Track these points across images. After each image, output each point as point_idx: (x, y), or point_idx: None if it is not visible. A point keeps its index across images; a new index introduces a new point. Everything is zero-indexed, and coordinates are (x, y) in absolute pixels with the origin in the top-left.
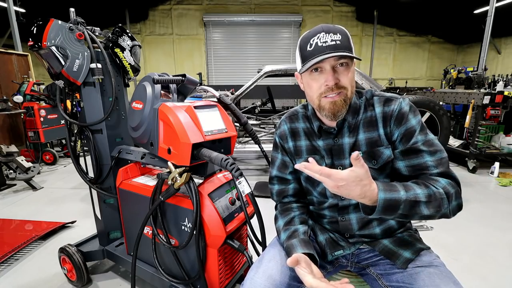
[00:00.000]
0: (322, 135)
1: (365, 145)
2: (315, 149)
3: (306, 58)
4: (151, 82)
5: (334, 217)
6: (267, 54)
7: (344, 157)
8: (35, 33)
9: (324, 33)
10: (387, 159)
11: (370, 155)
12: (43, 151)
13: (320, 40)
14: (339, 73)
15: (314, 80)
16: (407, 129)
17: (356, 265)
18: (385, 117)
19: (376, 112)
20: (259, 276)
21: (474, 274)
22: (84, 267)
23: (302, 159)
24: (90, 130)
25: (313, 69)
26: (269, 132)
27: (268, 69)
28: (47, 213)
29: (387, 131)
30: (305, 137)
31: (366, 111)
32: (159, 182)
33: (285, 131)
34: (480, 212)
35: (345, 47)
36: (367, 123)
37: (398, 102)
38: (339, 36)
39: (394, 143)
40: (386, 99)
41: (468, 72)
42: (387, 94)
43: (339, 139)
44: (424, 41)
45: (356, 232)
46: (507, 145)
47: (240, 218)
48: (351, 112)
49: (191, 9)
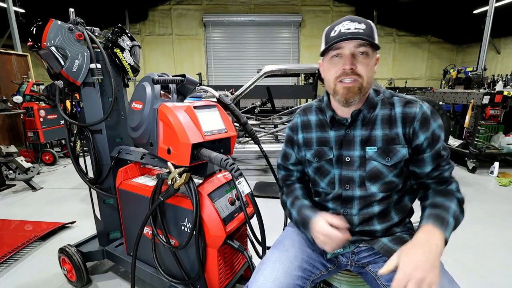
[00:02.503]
0: (334, 126)
1: (381, 141)
2: (325, 140)
3: (328, 43)
4: (151, 82)
5: (337, 210)
6: (267, 54)
7: (353, 148)
8: (34, 34)
9: (350, 21)
10: (401, 158)
11: (385, 151)
12: (43, 151)
13: (344, 27)
14: (358, 61)
15: (333, 65)
16: (432, 133)
17: (355, 263)
18: (405, 118)
19: (396, 111)
20: (265, 278)
21: (473, 274)
22: (83, 267)
23: (312, 151)
24: (90, 131)
25: (334, 55)
26: (268, 132)
27: (268, 69)
28: (46, 214)
29: (407, 132)
30: (316, 129)
31: (384, 108)
32: (158, 182)
33: (297, 123)
34: (480, 212)
35: (368, 36)
36: (386, 121)
37: (418, 105)
38: (364, 25)
39: (416, 145)
40: (407, 101)
41: (467, 72)
42: (407, 96)
43: (351, 130)
44: (423, 41)
45: (356, 229)
46: (506, 145)
47: (240, 218)
48: (367, 106)
49: (191, 9)
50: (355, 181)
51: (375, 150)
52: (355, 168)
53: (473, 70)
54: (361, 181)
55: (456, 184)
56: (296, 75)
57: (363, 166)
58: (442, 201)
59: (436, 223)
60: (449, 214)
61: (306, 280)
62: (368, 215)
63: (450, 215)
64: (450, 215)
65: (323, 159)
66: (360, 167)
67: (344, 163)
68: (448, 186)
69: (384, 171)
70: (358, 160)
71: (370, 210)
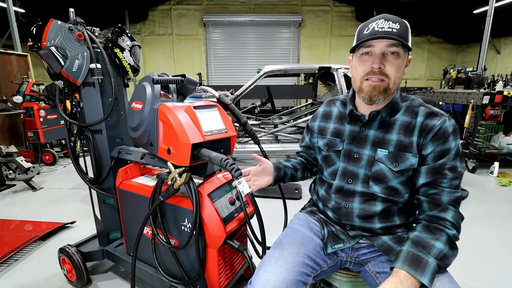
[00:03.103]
0: (351, 120)
1: (394, 146)
2: (339, 132)
3: (359, 40)
4: (151, 82)
5: (338, 203)
6: (267, 54)
7: (364, 147)
8: (34, 34)
9: (384, 20)
10: (409, 166)
11: (394, 156)
12: (43, 151)
13: (377, 25)
14: (387, 60)
15: (362, 62)
16: (443, 149)
17: (355, 260)
18: (422, 129)
19: (417, 121)
20: (269, 274)
21: (473, 274)
22: (83, 267)
23: (325, 140)
24: (90, 131)
25: (364, 52)
26: (269, 132)
27: (268, 69)
28: (46, 214)
29: (420, 142)
30: (335, 120)
31: (406, 115)
32: (158, 182)
33: (319, 112)
34: (480, 212)
35: (401, 36)
36: (404, 127)
37: (442, 119)
38: (398, 25)
39: (421, 155)
40: (431, 112)
41: (467, 72)
42: (435, 108)
43: (366, 129)
44: (423, 41)
45: (356, 224)
46: (506, 145)
47: (240, 218)
48: (388, 109)
49: (191, 9)
50: (359, 177)
51: (386, 153)
52: (361, 166)
53: (473, 70)
54: (365, 178)
55: (454, 215)
56: (296, 75)
57: (369, 166)
58: (426, 239)
59: (411, 268)
60: (430, 255)
61: (308, 277)
62: (369, 212)
63: (432, 255)
64: (431, 256)
65: (332, 150)
66: (367, 166)
67: (351, 158)
68: (441, 213)
69: (389, 175)
70: (366, 158)
71: (371, 207)
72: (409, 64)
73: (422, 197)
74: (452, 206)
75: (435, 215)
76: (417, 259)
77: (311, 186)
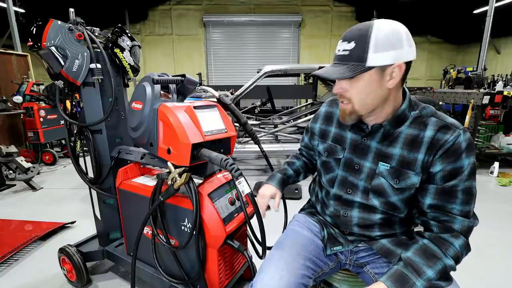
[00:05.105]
0: (352, 128)
1: (396, 160)
2: (341, 139)
3: None
4: (151, 82)
5: (337, 210)
6: (267, 54)
7: (365, 158)
8: (34, 33)
9: (342, 40)
10: (410, 185)
11: (396, 173)
12: (43, 151)
13: (337, 47)
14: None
15: None
16: (454, 168)
17: (354, 263)
18: (432, 144)
19: (426, 134)
20: (270, 277)
21: (473, 274)
22: (83, 267)
23: (325, 144)
24: (90, 131)
25: None
26: (269, 132)
27: (268, 69)
28: (46, 214)
29: (427, 159)
30: (337, 124)
31: (413, 127)
32: (158, 182)
33: (321, 113)
34: (480, 212)
35: (354, 59)
36: (409, 141)
37: (456, 133)
38: (353, 44)
39: (429, 172)
40: (444, 125)
41: (467, 72)
42: (449, 119)
43: (368, 139)
44: (423, 41)
45: (356, 232)
46: (506, 145)
47: (240, 218)
48: (393, 121)
49: (191, 9)
50: (358, 189)
51: (387, 168)
52: (361, 178)
53: (473, 70)
54: (365, 190)
55: (463, 244)
56: (296, 75)
57: (370, 178)
58: (420, 262)
59: (394, 286)
60: (418, 279)
61: (309, 279)
62: (368, 221)
63: (420, 280)
64: (420, 280)
65: (332, 156)
66: (367, 179)
67: (352, 169)
68: (451, 239)
69: (389, 191)
70: (367, 171)
71: (371, 217)
72: (402, 72)
73: (431, 221)
74: (463, 236)
75: (444, 237)
76: (405, 279)
77: (310, 186)
